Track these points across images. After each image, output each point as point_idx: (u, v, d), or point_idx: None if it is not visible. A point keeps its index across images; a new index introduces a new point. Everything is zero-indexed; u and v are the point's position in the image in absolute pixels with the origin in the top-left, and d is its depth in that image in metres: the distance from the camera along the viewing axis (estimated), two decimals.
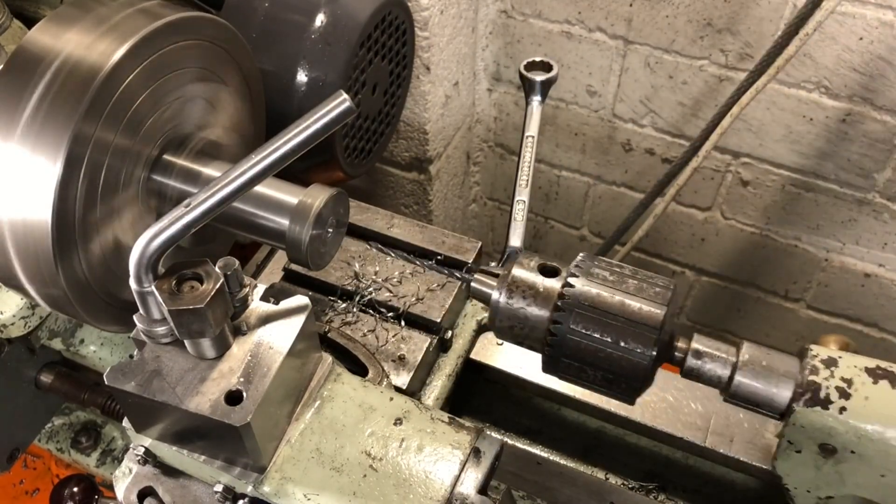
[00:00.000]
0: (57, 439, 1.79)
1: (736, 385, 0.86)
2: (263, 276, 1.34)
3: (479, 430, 0.94)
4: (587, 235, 2.62)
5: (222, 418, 0.82)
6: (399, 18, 1.53)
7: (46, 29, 0.94)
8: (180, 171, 1.05)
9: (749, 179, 2.17)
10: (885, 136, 1.89)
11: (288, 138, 0.82)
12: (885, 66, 1.78)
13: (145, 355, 0.87)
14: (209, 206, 0.82)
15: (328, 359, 0.98)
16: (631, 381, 0.88)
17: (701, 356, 0.88)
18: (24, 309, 1.29)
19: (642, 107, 2.16)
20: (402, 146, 2.12)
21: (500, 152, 2.52)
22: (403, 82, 1.65)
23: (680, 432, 1.21)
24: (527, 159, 1.17)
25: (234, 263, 0.86)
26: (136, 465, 0.98)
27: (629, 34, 2.02)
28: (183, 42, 1.01)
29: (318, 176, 1.47)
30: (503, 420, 1.38)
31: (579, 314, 0.87)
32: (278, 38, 1.35)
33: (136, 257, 0.80)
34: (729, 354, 0.88)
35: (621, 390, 0.90)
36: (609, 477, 1.30)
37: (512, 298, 0.91)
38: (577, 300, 0.88)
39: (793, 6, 1.77)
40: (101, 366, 1.53)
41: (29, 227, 0.90)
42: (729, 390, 0.87)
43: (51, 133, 0.88)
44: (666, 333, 0.88)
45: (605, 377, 0.89)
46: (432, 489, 0.88)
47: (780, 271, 2.34)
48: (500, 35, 2.19)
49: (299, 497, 0.89)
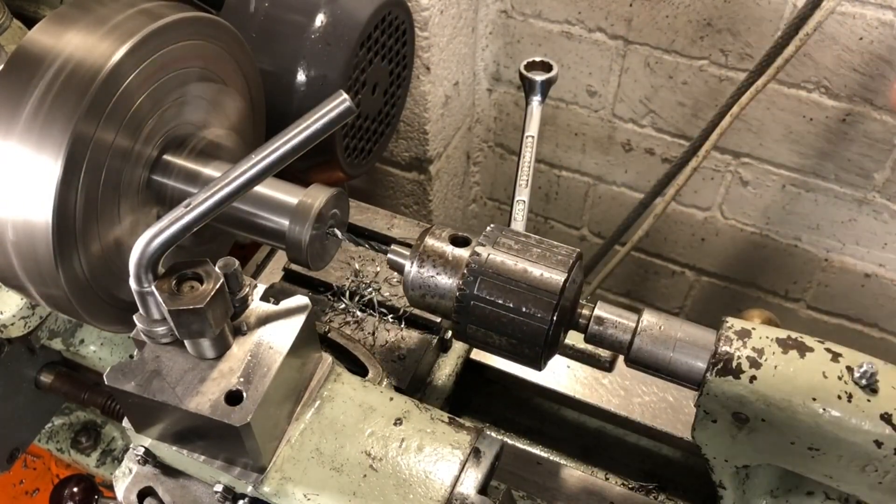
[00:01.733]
0: (57, 439, 1.79)
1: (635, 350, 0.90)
2: (263, 276, 1.34)
3: (479, 430, 0.94)
4: (587, 235, 2.62)
5: (222, 418, 0.82)
6: (399, 18, 1.53)
7: (46, 29, 0.94)
8: (180, 172, 1.05)
9: (749, 179, 2.17)
10: (885, 136, 1.89)
11: (288, 138, 0.82)
12: (885, 66, 1.78)
13: (145, 355, 0.87)
14: (209, 206, 0.82)
15: (328, 359, 0.98)
16: (533, 345, 0.91)
17: (602, 322, 0.92)
18: (24, 309, 1.29)
19: (642, 107, 2.16)
20: (402, 146, 2.12)
21: (500, 152, 2.52)
22: (403, 82, 1.65)
23: (680, 432, 1.22)
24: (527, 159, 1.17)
25: (234, 263, 0.86)
26: (136, 465, 0.99)
27: (629, 34, 2.02)
28: (183, 42, 1.01)
29: (318, 176, 1.47)
30: (503, 420, 1.38)
31: (484, 281, 0.90)
32: (278, 38, 1.35)
33: (136, 257, 0.80)
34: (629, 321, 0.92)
35: (526, 356, 0.93)
36: (609, 477, 1.30)
37: (423, 267, 0.94)
38: (481, 268, 0.91)
39: (793, 6, 1.77)
40: (101, 366, 1.53)
41: (29, 228, 0.90)
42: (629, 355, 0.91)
43: (51, 133, 0.88)
44: (567, 300, 0.90)
45: (509, 342, 0.92)
46: (432, 489, 0.88)
47: (780, 271, 2.34)
48: (500, 35, 2.19)
49: (299, 497, 0.89)
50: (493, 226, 0.96)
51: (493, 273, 0.90)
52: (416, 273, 0.94)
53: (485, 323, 0.92)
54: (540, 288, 0.89)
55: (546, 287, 0.89)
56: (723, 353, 0.86)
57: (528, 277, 0.90)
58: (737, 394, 0.85)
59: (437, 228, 0.97)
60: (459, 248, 0.94)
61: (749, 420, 0.86)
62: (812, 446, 0.85)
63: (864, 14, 1.72)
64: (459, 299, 0.91)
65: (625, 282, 2.69)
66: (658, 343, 0.90)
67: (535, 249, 0.92)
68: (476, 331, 0.93)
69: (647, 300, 2.69)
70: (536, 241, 0.94)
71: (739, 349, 0.86)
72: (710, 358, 0.86)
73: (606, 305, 0.94)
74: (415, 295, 0.96)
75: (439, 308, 0.95)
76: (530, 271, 0.90)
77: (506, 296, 0.90)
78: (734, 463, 0.94)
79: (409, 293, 0.96)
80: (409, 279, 0.95)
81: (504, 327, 0.91)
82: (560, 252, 0.92)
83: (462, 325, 0.93)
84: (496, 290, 0.90)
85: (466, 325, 0.93)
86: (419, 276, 0.94)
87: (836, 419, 0.82)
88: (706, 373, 0.86)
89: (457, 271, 0.92)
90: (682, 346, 0.89)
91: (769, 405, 0.84)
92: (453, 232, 0.96)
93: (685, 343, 0.89)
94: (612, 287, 2.72)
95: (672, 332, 0.90)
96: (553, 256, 0.92)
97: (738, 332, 0.87)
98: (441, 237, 0.95)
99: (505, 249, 0.92)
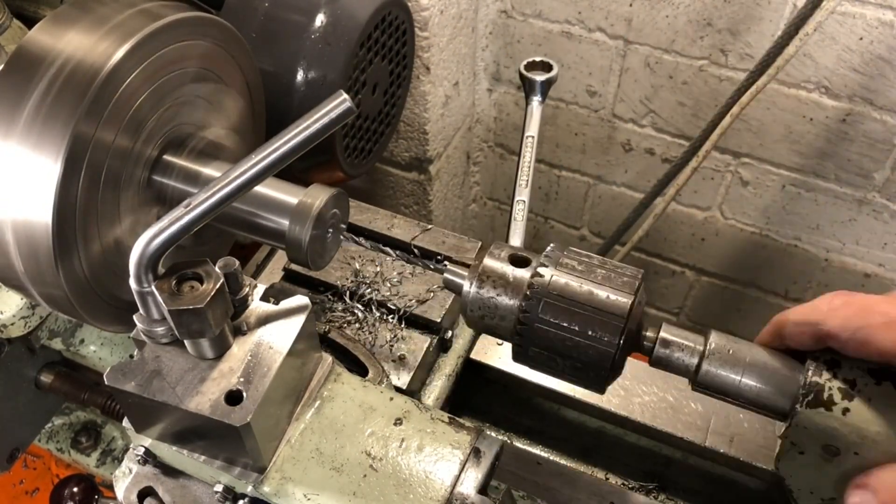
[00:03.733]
0: (57, 439, 1.79)
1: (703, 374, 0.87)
2: (263, 276, 1.34)
3: (479, 430, 0.94)
4: (587, 235, 2.62)
5: (222, 418, 0.82)
6: (399, 18, 1.53)
7: (46, 29, 0.94)
8: (180, 172, 1.05)
9: (749, 179, 2.17)
10: (885, 136, 1.89)
11: (288, 138, 0.82)
12: (885, 66, 1.78)
13: (145, 355, 0.87)
14: (209, 206, 0.81)
15: (328, 359, 0.98)
16: (599, 369, 0.89)
17: (669, 345, 0.89)
18: (24, 309, 1.29)
19: (642, 107, 2.16)
20: (402, 146, 2.12)
21: (500, 152, 2.52)
22: (403, 82, 1.65)
23: (680, 432, 1.21)
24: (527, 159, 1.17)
25: (234, 263, 0.86)
26: (136, 465, 0.98)
27: (629, 34, 2.02)
28: (183, 42, 1.01)
29: (318, 176, 1.47)
30: (503, 420, 1.38)
31: (547, 303, 0.88)
32: (278, 38, 1.35)
33: (135, 257, 0.80)
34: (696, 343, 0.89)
35: (590, 379, 0.91)
36: (609, 477, 1.30)
37: (482, 288, 0.91)
38: (545, 289, 0.88)
39: (793, 6, 1.77)
40: (101, 366, 1.53)
41: (29, 228, 0.90)
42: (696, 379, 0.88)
43: (51, 133, 0.88)
44: (633, 322, 0.88)
45: (573, 366, 0.90)
46: (432, 489, 0.88)
47: (780, 271, 2.34)
48: (500, 35, 2.19)
49: (299, 497, 0.89)
50: (553, 245, 0.93)
51: (557, 295, 0.88)
52: (476, 293, 0.91)
53: (548, 346, 0.89)
54: (606, 311, 0.86)
55: (612, 310, 0.86)
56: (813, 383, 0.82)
57: (593, 300, 0.87)
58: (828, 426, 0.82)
59: (495, 248, 0.94)
60: (520, 268, 0.91)
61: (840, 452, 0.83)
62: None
63: (864, 14, 1.72)
64: (522, 321, 0.89)
65: None
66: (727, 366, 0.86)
67: (599, 271, 0.90)
68: (539, 353, 0.90)
69: (648, 300, 2.69)
70: (600, 262, 0.91)
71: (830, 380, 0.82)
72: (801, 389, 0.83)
73: (672, 328, 0.90)
74: (473, 316, 0.93)
75: (499, 330, 0.92)
76: (596, 293, 0.87)
77: (571, 318, 0.87)
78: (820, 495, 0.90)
79: (468, 314, 0.93)
80: (468, 300, 0.92)
81: (568, 351, 0.88)
82: (625, 273, 0.90)
83: (524, 347, 0.91)
84: (561, 313, 0.87)
85: (529, 348, 0.90)
86: (479, 296, 0.91)
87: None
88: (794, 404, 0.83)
89: (518, 292, 0.89)
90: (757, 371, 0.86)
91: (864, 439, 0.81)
92: (513, 251, 0.94)
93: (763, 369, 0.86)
94: None
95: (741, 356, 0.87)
96: (618, 278, 0.89)
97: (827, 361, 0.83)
98: (500, 257, 0.93)
99: (568, 270, 0.90)
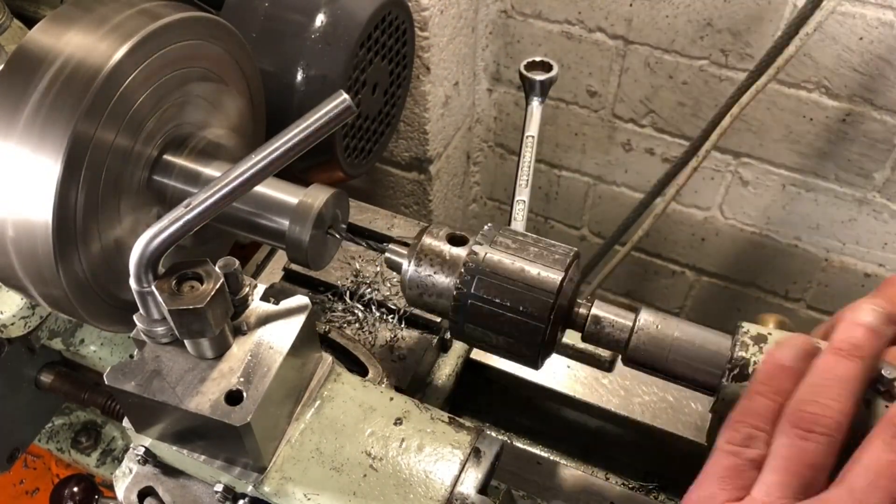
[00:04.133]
0: (57, 439, 1.79)
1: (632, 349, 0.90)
2: (263, 276, 1.34)
3: (479, 430, 0.94)
4: (587, 235, 2.62)
5: (222, 418, 0.82)
6: (399, 18, 1.52)
7: (46, 29, 0.94)
8: (181, 172, 1.05)
9: (749, 179, 2.17)
10: (885, 136, 1.89)
11: (288, 138, 0.82)
12: (885, 66, 1.78)
13: (145, 355, 0.87)
14: (209, 206, 0.81)
15: (328, 359, 0.98)
16: (531, 345, 0.91)
17: (599, 321, 0.92)
18: (24, 309, 1.29)
19: (642, 107, 2.16)
20: (402, 146, 2.12)
21: (500, 152, 2.52)
22: (403, 82, 1.65)
23: (680, 432, 1.22)
24: (527, 159, 1.17)
25: (234, 263, 0.86)
26: (136, 465, 0.98)
27: (629, 34, 2.02)
28: (183, 42, 1.01)
29: (318, 176, 1.47)
30: (503, 420, 1.38)
31: (481, 280, 0.90)
32: (278, 38, 1.35)
33: (136, 257, 0.80)
34: (627, 319, 0.91)
35: (524, 355, 0.93)
36: (609, 477, 1.30)
37: (420, 266, 0.94)
38: (479, 266, 0.91)
39: (793, 6, 1.77)
40: (101, 366, 1.53)
41: (29, 228, 0.90)
42: (626, 354, 0.91)
43: (51, 133, 0.88)
44: (564, 298, 0.91)
45: (507, 341, 0.92)
46: (432, 489, 0.88)
47: (780, 271, 2.34)
48: (500, 35, 2.19)
49: (299, 497, 0.89)
50: (490, 224, 0.96)
51: (490, 272, 0.90)
52: (414, 272, 0.94)
53: (482, 322, 0.92)
54: (537, 287, 0.89)
55: (543, 286, 0.89)
56: (739, 358, 0.85)
57: (525, 276, 0.90)
58: None
59: (434, 227, 0.97)
60: (457, 247, 0.94)
61: None
62: None
63: (864, 14, 1.72)
64: (457, 298, 0.92)
65: (625, 282, 2.69)
66: (656, 342, 0.89)
67: (532, 248, 0.93)
68: (473, 330, 0.93)
69: (647, 300, 2.69)
70: (534, 240, 0.94)
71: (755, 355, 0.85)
72: (727, 363, 0.86)
73: (604, 304, 0.94)
74: (412, 294, 0.96)
75: (437, 307, 0.95)
76: (527, 270, 0.90)
77: (503, 295, 0.90)
78: None
79: (407, 292, 0.96)
80: (406, 278, 0.95)
81: (501, 326, 0.91)
82: (558, 251, 0.93)
83: (460, 324, 0.94)
84: (493, 289, 0.90)
85: (464, 325, 0.93)
86: (417, 274, 0.94)
87: None
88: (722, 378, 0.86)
89: (454, 270, 0.92)
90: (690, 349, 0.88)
91: None
92: (451, 231, 0.96)
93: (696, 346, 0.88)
94: (612, 287, 2.72)
95: (669, 332, 0.89)
96: (550, 255, 0.92)
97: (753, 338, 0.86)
98: (438, 236, 0.95)
99: (502, 248, 0.92)
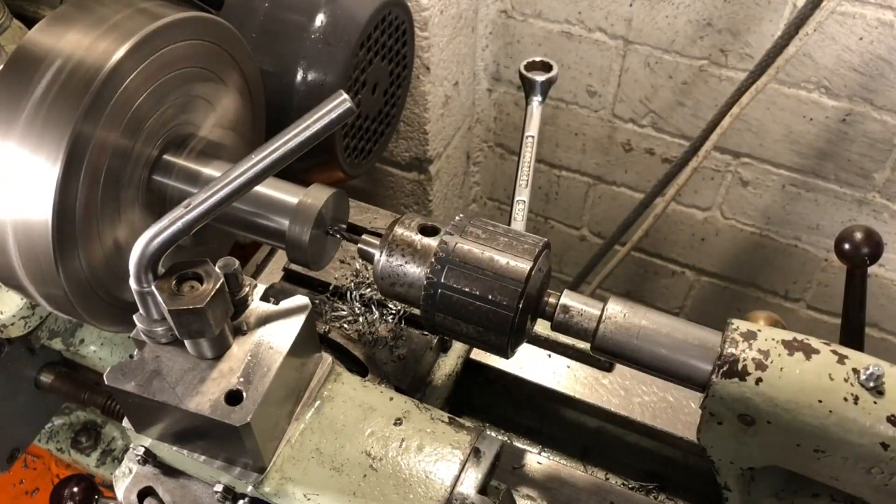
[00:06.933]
0: (57, 439, 1.79)
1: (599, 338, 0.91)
2: (263, 276, 1.34)
3: (479, 430, 0.94)
4: (587, 235, 2.62)
5: (222, 418, 0.82)
6: (399, 18, 1.52)
7: (46, 29, 0.94)
8: (180, 172, 1.05)
9: (749, 179, 2.17)
10: (885, 136, 1.89)
11: (288, 138, 0.82)
12: (885, 66, 1.78)
13: (145, 355, 0.87)
14: (209, 206, 0.82)
15: (328, 359, 0.98)
16: (500, 333, 0.92)
17: (568, 310, 0.93)
18: (24, 309, 1.29)
19: (642, 107, 2.16)
20: (402, 146, 2.12)
21: (500, 152, 2.52)
22: (403, 82, 1.65)
23: (680, 432, 1.22)
24: (527, 159, 1.17)
25: (234, 263, 0.86)
26: (136, 465, 0.98)
27: (629, 34, 2.02)
28: (183, 42, 1.01)
29: (318, 176, 1.47)
30: (503, 420, 1.38)
31: (451, 269, 0.91)
32: (278, 38, 1.35)
33: (135, 257, 0.80)
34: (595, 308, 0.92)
35: (493, 343, 0.94)
36: (609, 477, 1.30)
37: (392, 256, 0.94)
38: (449, 256, 0.91)
39: (793, 6, 1.77)
40: (101, 366, 1.53)
41: (30, 228, 0.90)
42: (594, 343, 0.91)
43: (51, 133, 0.88)
44: (533, 288, 0.91)
45: (476, 330, 0.93)
46: (432, 489, 0.88)
47: (780, 271, 2.34)
48: (500, 35, 2.19)
49: (299, 497, 0.89)
50: (461, 215, 0.97)
51: (460, 262, 0.91)
52: (386, 262, 0.95)
53: (452, 311, 0.92)
54: (506, 276, 0.90)
55: (512, 275, 0.89)
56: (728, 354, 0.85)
57: (494, 266, 0.90)
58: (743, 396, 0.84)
59: (406, 218, 0.97)
60: (428, 237, 0.94)
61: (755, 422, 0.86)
62: (818, 448, 0.84)
63: (864, 14, 1.72)
64: (427, 288, 0.92)
65: (625, 282, 2.69)
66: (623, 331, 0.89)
67: (502, 238, 0.93)
68: (444, 319, 0.94)
69: (647, 300, 2.69)
70: (504, 231, 0.95)
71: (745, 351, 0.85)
72: (717, 360, 0.86)
73: (573, 294, 0.94)
74: (384, 284, 0.96)
75: (408, 297, 0.95)
76: (497, 259, 0.91)
77: (472, 284, 0.90)
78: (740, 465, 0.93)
79: (379, 282, 0.97)
80: (378, 268, 0.95)
81: (471, 315, 0.91)
82: (527, 241, 0.93)
83: (430, 313, 0.94)
84: (463, 279, 0.90)
85: (435, 314, 0.94)
86: (388, 265, 0.94)
87: (842, 421, 0.81)
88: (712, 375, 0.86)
89: (425, 260, 0.93)
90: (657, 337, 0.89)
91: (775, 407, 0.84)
92: (423, 221, 0.96)
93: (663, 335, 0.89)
94: (612, 287, 2.72)
95: (636, 320, 0.90)
96: (520, 245, 0.92)
97: (743, 334, 0.87)
98: (410, 226, 0.96)
99: (472, 238, 0.93)
